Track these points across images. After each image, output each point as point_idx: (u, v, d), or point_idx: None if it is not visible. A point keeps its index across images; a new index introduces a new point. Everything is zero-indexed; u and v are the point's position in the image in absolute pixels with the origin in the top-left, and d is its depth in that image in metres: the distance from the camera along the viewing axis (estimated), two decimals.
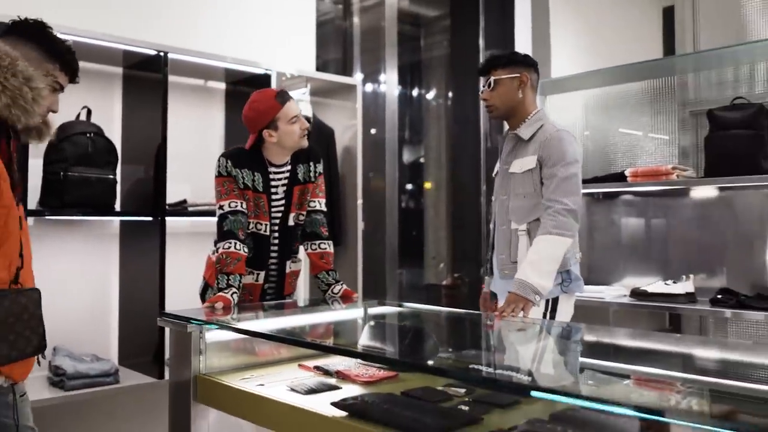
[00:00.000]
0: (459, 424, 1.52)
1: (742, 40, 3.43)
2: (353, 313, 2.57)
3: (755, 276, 3.25)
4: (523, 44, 4.70)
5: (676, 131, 3.63)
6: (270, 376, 2.07)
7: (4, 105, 1.58)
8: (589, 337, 2.17)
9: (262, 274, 2.56)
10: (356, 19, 5.05)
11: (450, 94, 5.49)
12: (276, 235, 2.57)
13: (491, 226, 2.75)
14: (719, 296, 3.16)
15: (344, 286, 2.63)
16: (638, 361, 1.88)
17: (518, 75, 2.58)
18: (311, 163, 2.64)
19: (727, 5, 3.55)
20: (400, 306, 2.52)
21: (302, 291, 3.53)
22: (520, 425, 1.45)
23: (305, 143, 2.56)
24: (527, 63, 2.64)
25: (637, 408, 1.19)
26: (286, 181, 2.57)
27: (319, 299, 2.74)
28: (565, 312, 2.52)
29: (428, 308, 2.53)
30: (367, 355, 1.81)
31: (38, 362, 1.76)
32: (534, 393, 1.35)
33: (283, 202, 2.57)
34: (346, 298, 2.61)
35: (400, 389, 1.83)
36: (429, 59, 5.67)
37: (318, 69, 4.63)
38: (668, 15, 4.56)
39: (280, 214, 2.57)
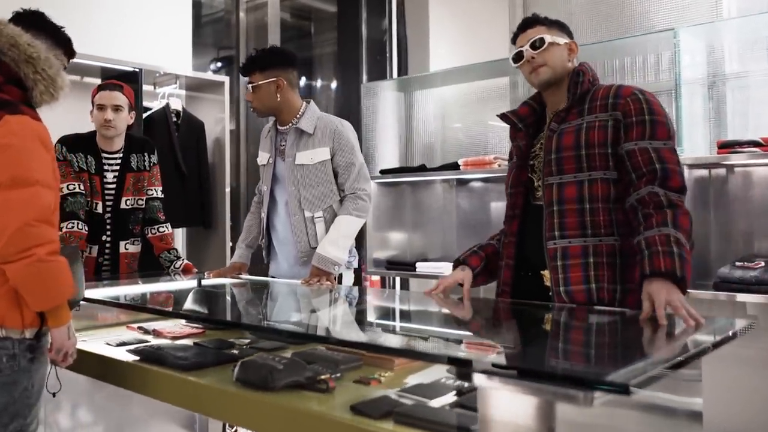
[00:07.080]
0: (211, 362, 1.95)
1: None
2: (187, 284, 2.96)
3: None
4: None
5: None
6: (100, 336, 2.46)
7: (39, 92, 1.79)
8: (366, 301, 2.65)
9: (96, 248, 2.94)
10: (242, 15, 5.40)
11: (335, 86, 5.87)
12: (109, 214, 2.95)
13: (263, 214, 2.87)
14: None
15: (185, 261, 3.04)
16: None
17: (275, 79, 2.69)
18: (145, 154, 3.04)
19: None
20: (237, 278, 2.90)
21: None
22: (257, 356, 1.88)
23: (106, 133, 2.92)
24: (286, 63, 2.74)
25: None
26: (118, 167, 2.95)
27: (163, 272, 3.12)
28: (348, 281, 2.91)
29: (255, 279, 2.93)
30: (164, 312, 2.26)
31: None
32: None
33: (114, 185, 2.95)
34: (187, 272, 3.02)
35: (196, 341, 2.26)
36: (320, 54, 6.07)
37: (208, 65, 5.01)
38: None
39: (112, 197, 2.95)
